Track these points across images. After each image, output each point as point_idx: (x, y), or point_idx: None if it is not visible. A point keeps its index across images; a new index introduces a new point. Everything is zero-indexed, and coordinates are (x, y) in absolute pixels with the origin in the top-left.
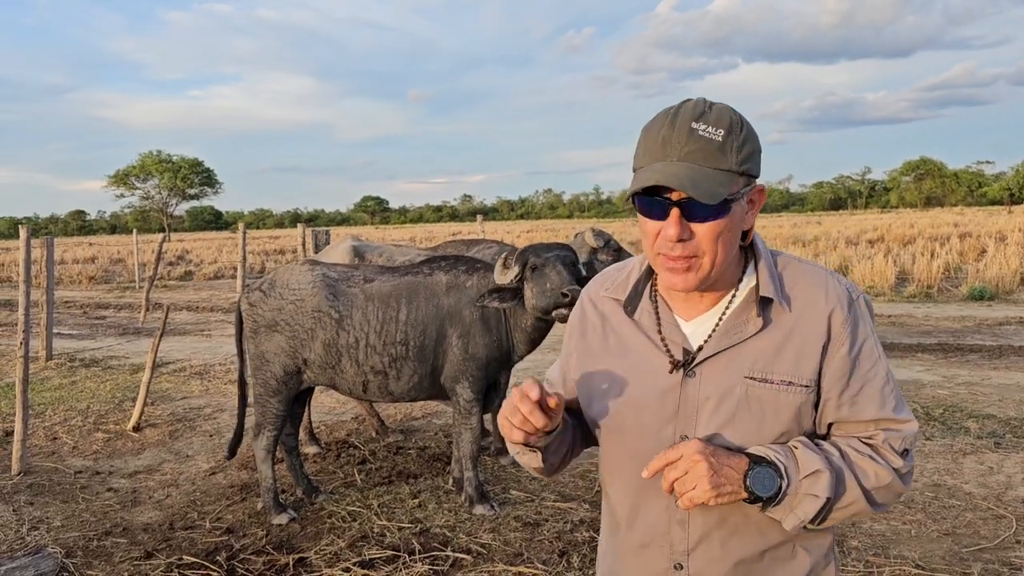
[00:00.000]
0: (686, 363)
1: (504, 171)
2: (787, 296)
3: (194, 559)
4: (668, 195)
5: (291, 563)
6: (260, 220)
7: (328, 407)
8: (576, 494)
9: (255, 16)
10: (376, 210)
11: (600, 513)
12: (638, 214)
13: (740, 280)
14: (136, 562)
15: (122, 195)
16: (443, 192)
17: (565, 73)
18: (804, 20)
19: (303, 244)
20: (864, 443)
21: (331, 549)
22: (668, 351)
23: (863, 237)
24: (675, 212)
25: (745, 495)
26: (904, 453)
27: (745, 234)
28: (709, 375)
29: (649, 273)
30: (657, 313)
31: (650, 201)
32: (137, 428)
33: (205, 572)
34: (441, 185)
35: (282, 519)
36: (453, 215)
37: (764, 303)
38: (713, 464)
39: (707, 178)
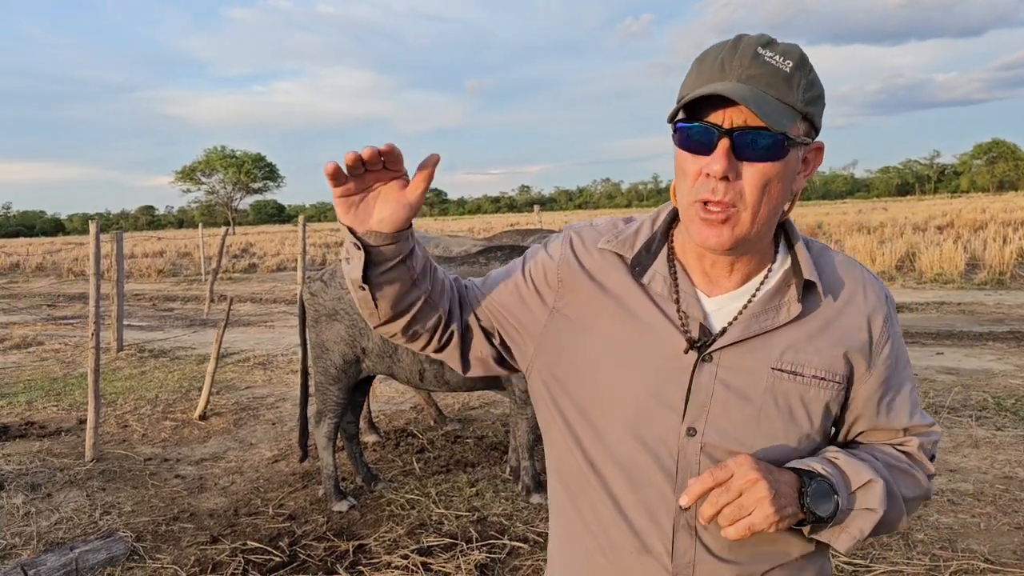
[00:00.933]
0: (704, 344)
1: (562, 161)
2: (829, 282)
3: (257, 544)
4: (719, 123)
5: (351, 549)
6: (321, 213)
7: (388, 396)
8: None
9: (315, 12)
10: (435, 201)
11: None
12: (676, 151)
13: (774, 260)
14: (202, 546)
15: (188, 190)
16: (501, 183)
17: (623, 61)
18: (871, 0)
19: None
20: (898, 450)
21: (390, 536)
22: (685, 327)
23: (931, 223)
24: (724, 143)
25: (802, 516)
26: (932, 458)
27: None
28: (730, 362)
29: (666, 233)
30: (675, 281)
31: (697, 129)
32: (203, 416)
33: (268, 557)
34: (499, 176)
35: (342, 506)
36: (511, 205)
37: (805, 287)
38: (772, 483)
39: (770, 104)
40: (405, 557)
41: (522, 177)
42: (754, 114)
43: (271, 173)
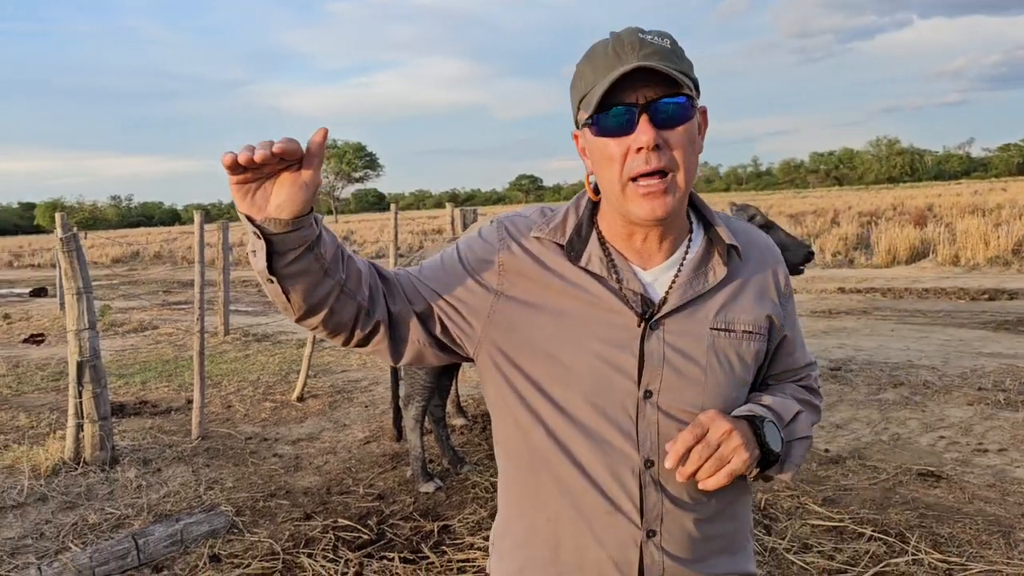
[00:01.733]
0: (651, 315)
1: None
2: (741, 247)
3: (348, 522)
4: (632, 102)
5: (435, 530)
6: (419, 201)
7: (476, 381)
8: None
9: (412, 3)
10: (530, 188)
11: None
12: (593, 144)
13: (691, 230)
14: (296, 523)
15: None
16: None
17: (722, 41)
18: None
19: (452, 223)
20: (800, 385)
21: (473, 518)
22: (629, 301)
23: None
24: (644, 117)
25: (759, 455)
26: (819, 389)
27: None
28: (674, 327)
29: (591, 218)
30: (611, 260)
31: (611, 114)
32: (300, 398)
33: (357, 534)
34: None
35: (429, 488)
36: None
37: (728, 252)
38: (742, 431)
39: (674, 71)
40: (487, 539)
41: None
42: (665, 77)
43: (371, 162)
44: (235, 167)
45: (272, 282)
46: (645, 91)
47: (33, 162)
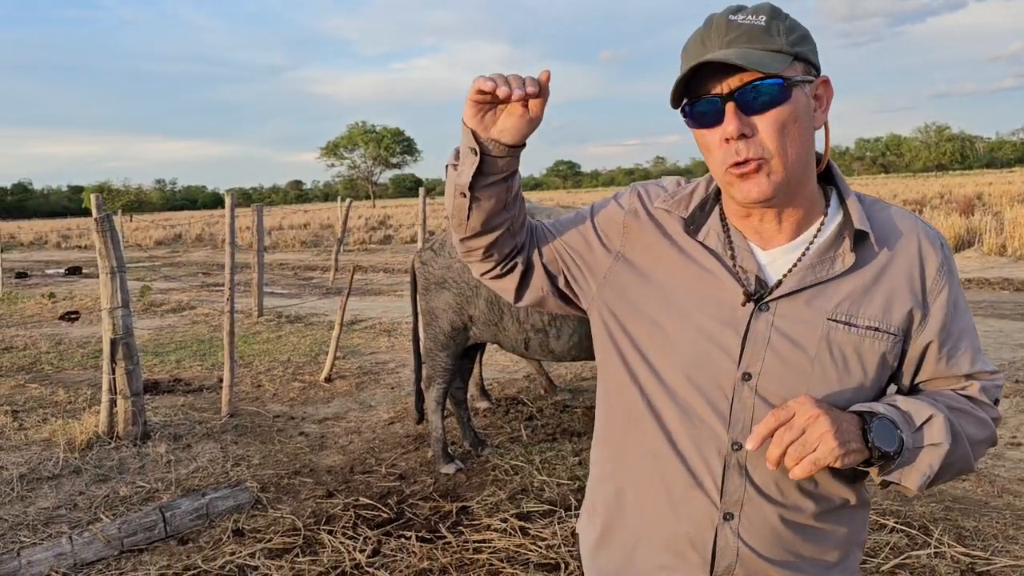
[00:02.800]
0: (761, 296)
1: None
2: (882, 233)
3: (369, 501)
4: (719, 92)
5: (454, 511)
6: None
7: (502, 365)
8: None
9: None
10: (568, 174)
11: None
12: (694, 133)
13: (825, 213)
14: (319, 500)
15: (332, 165)
16: (636, 154)
17: None
18: None
19: None
20: (960, 394)
21: (492, 500)
22: (741, 279)
23: None
24: (730, 107)
25: (867, 454)
26: (996, 402)
27: (819, 158)
28: (786, 312)
29: (717, 195)
30: (729, 237)
31: (701, 104)
32: (328, 379)
33: (377, 513)
34: (634, 148)
35: (449, 469)
36: (646, 177)
37: (858, 237)
38: (833, 418)
39: (756, 55)
40: (504, 520)
41: (657, 148)
42: (743, 67)
43: (409, 147)
44: (483, 92)
45: (465, 196)
46: (731, 79)
47: (81, 146)
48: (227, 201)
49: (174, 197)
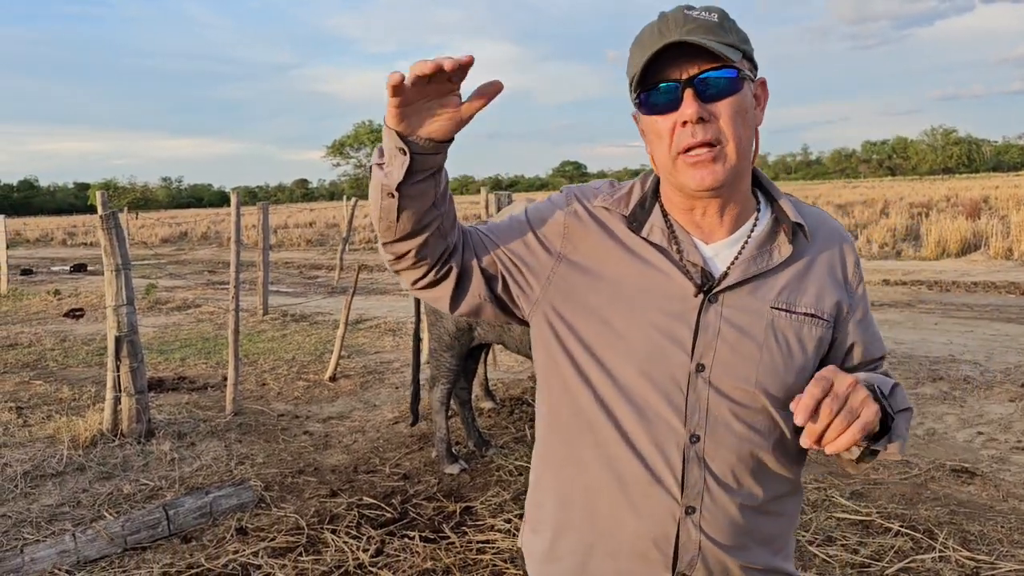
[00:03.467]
0: (710, 288)
1: None
2: (809, 228)
3: (372, 500)
4: (676, 78)
5: (458, 511)
6: (463, 186)
7: (507, 366)
8: None
9: None
10: (574, 174)
11: None
12: (645, 121)
13: (758, 209)
14: (322, 499)
15: (338, 164)
16: (641, 155)
17: (773, 26)
18: None
19: (486, 207)
20: (878, 374)
21: (496, 500)
22: (689, 273)
23: None
24: (689, 92)
25: (881, 416)
26: None
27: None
28: (733, 302)
29: (655, 192)
30: (673, 232)
31: (657, 92)
32: (333, 378)
33: (380, 512)
34: (639, 149)
35: (453, 469)
36: None
37: (793, 230)
38: (863, 384)
39: (717, 43)
40: (508, 521)
41: None
42: (709, 51)
43: None
44: (399, 88)
45: (394, 196)
46: (689, 67)
47: (87, 143)
48: (233, 199)
49: (180, 195)
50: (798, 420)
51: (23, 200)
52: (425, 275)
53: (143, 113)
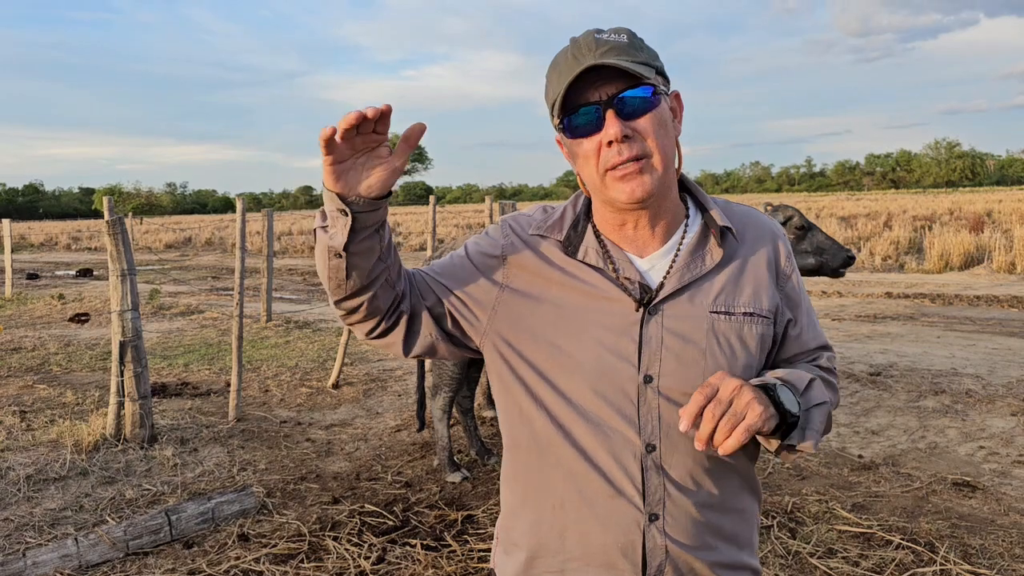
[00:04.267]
0: (649, 300)
1: (709, 143)
2: (738, 229)
3: (374, 508)
4: (595, 100)
5: (459, 519)
6: (467, 195)
7: None
8: None
9: None
10: (577, 185)
11: None
12: (570, 145)
13: (687, 216)
14: (324, 506)
15: None
16: None
17: (777, 38)
18: None
19: (490, 216)
20: (813, 365)
21: (498, 509)
22: (627, 289)
23: None
24: (610, 112)
25: (778, 419)
26: (834, 371)
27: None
28: (673, 311)
29: (587, 213)
30: (607, 251)
31: (579, 115)
32: (336, 385)
33: (382, 520)
34: None
35: (455, 477)
36: None
37: (722, 234)
38: (752, 387)
39: (632, 63)
40: None
41: None
42: (625, 72)
43: (419, 155)
44: (330, 143)
45: (341, 257)
46: (607, 88)
47: (93, 148)
48: (238, 206)
49: (184, 201)
50: (681, 426)
51: (28, 204)
52: (377, 325)
53: (150, 119)
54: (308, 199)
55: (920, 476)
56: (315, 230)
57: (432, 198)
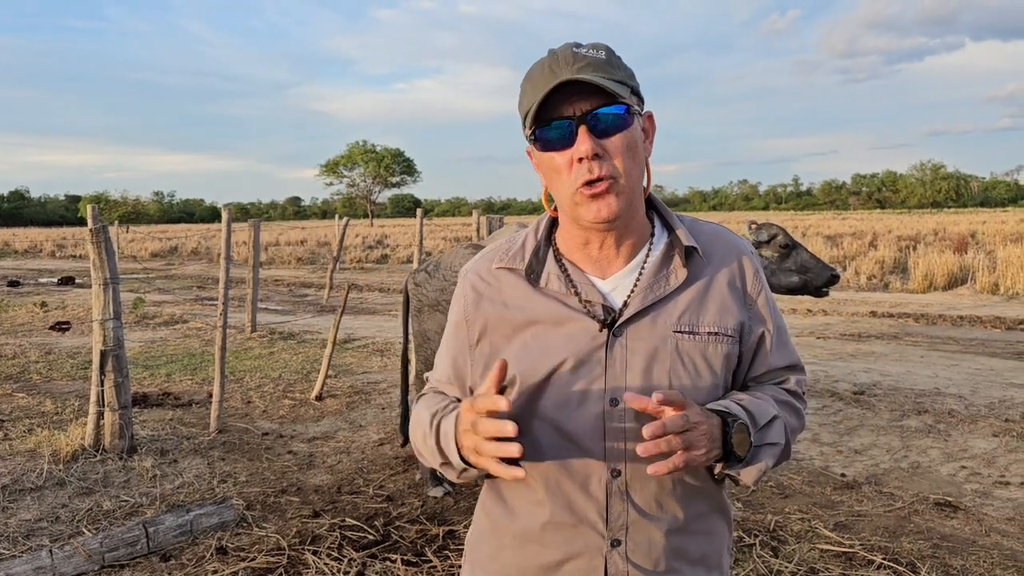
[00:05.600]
0: (612, 322)
1: (697, 160)
2: (706, 250)
3: (355, 522)
4: (569, 115)
5: (441, 534)
6: (455, 208)
7: None
8: (730, 492)
9: (457, 11)
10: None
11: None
12: (541, 158)
13: (652, 235)
14: (305, 519)
15: (331, 183)
16: None
17: (766, 58)
18: None
19: (477, 230)
20: (782, 388)
21: None
22: (590, 312)
23: None
24: (583, 129)
25: (721, 456)
26: (803, 394)
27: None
28: (637, 333)
29: (548, 238)
30: (567, 275)
31: (552, 128)
32: (319, 397)
33: (363, 534)
34: None
35: (437, 492)
36: None
37: (687, 254)
38: (710, 427)
39: (607, 80)
40: None
41: (656, 177)
42: (601, 89)
43: (408, 168)
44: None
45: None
46: (581, 104)
47: (81, 156)
48: (224, 215)
49: (172, 210)
50: (645, 433)
51: (13, 211)
52: None
53: (139, 127)
54: (296, 210)
55: (902, 496)
56: (440, 453)
57: (420, 211)
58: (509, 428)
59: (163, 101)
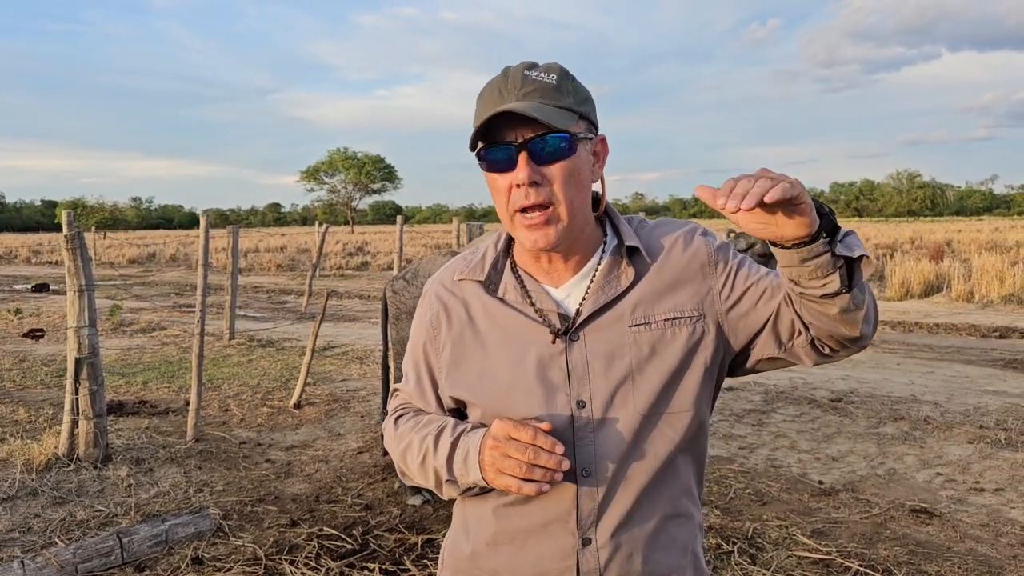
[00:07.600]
0: (567, 329)
1: (678, 168)
2: (651, 244)
3: (333, 531)
4: (513, 140)
5: (419, 543)
6: (436, 215)
7: None
8: (708, 499)
9: (439, 18)
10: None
11: None
12: (486, 176)
13: (604, 242)
14: (282, 529)
15: (312, 189)
16: (615, 190)
17: (746, 67)
18: (1022, 3)
19: (457, 237)
20: None
21: None
22: (544, 320)
23: None
24: (523, 156)
25: (817, 220)
26: None
27: (597, 202)
28: (594, 335)
29: (507, 249)
30: (523, 285)
31: (495, 150)
32: (298, 405)
33: (341, 544)
34: (613, 182)
35: (416, 501)
36: (624, 213)
37: (631, 253)
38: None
39: (548, 111)
40: None
41: (637, 184)
42: (537, 121)
43: (389, 174)
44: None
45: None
46: (523, 130)
47: (58, 161)
48: (202, 221)
49: (150, 215)
50: (718, 199)
51: None
52: None
53: (118, 132)
54: (276, 216)
55: (879, 503)
56: (450, 465)
57: (400, 218)
58: (560, 446)
59: (142, 106)
